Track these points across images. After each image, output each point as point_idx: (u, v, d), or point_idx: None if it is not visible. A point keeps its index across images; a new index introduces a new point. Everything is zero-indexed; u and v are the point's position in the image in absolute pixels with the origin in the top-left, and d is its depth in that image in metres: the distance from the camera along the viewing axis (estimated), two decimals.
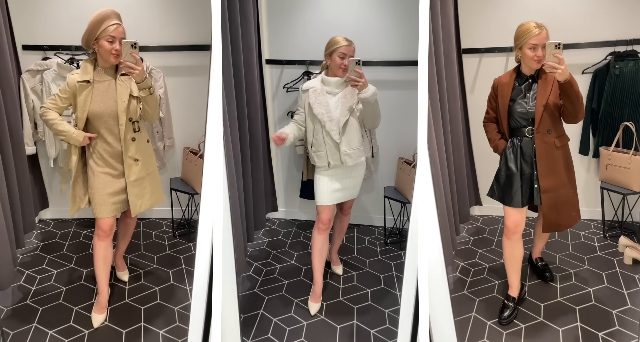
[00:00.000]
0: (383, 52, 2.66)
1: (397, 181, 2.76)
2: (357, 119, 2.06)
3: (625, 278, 2.25)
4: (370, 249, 2.66)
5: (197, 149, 2.73)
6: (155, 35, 2.67)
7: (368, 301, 2.17)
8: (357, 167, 2.13)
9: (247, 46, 2.20)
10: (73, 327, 1.95)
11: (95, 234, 1.96)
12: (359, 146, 2.08)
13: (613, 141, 2.60)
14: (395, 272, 2.42)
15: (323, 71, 2.12)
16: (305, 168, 2.36)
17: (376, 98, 1.99)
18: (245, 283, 2.32)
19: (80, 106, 1.84)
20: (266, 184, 2.64)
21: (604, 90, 2.65)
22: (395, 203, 2.74)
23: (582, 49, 2.65)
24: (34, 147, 2.66)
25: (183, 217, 2.83)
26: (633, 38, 2.58)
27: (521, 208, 1.95)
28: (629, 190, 2.52)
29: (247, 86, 2.23)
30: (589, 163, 2.86)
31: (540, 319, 1.98)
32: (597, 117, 2.71)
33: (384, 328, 1.98)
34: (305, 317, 2.07)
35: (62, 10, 2.63)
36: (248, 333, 1.95)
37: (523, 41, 1.83)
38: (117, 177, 1.93)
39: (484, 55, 2.82)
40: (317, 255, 2.13)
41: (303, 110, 2.10)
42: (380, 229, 2.87)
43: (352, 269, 2.45)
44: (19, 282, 2.25)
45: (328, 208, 2.11)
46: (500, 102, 1.96)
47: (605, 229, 2.72)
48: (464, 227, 2.85)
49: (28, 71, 2.58)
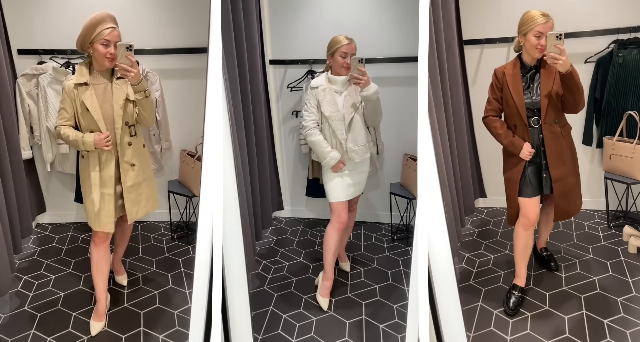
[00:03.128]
0: (386, 49, 2.66)
1: (403, 177, 2.77)
2: (361, 116, 2.07)
3: (630, 266, 2.26)
4: (378, 246, 2.68)
5: (194, 151, 2.72)
6: (151, 38, 2.66)
7: (376, 297, 2.20)
8: (364, 163, 2.15)
9: (251, 46, 2.21)
10: (72, 333, 1.92)
11: (92, 241, 1.92)
12: (365, 143, 2.10)
13: (617, 131, 2.59)
14: (402, 267, 2.44)
15: (328, 71, 2.12)
16: (311, 166, 2.37)
17: (378, 96, 2.00)
18: (254, 281, 2.36)
19: (89, 105, 1.79)
20: (272, 183, 2.65)
21: (607, 79, 2.63)
22: (401, 199, 2.75)
23: (584, 37, 2.64)
24: (30, 152, 2.64)
25: (181, 220, 2.83)
26: (636, 25, 2.56)
27: (537, 198, 1.96)
28: (633, 179, 2.53)
29: (252, 86, 2.24)
30: (593, 153, 2.86)
31: (546, 307, 2.01)
32: (600, 107, 2.71)
33: (392, 323, 2.01)
34: (314, 313, 2.10)
35: (57, 14, 2.62)
36: (259, 330, 1.98)
37: (529, 28, 1.82)
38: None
39: (485, 46, 2.81)
40: (333, 253, 2.11)
41: (316, 108, 2.06)
42: (387, 226, 2.88)
43: (360, 265, 2.48)
44: (16, 289, 2.21)
45: (344, 204, 2.10)
46: (514, 94, 1.91)
47: (610, 218, 2.73)
48: (468, 220, 2.87)
49: (24, 75, 2.56)
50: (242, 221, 1.82)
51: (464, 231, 2.69)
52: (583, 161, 2.84)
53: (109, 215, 1.87)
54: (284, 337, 1.94)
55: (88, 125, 1.83)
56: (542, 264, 2.32)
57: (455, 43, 2.26)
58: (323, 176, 2.15)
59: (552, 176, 1.92)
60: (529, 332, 1.87)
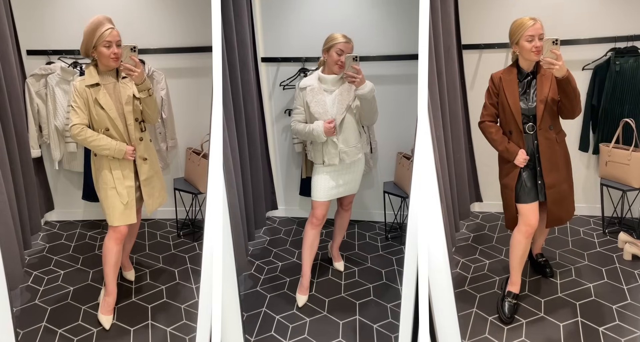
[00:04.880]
0: (379, 47, 2.65)
1: (397, 175, 2.76)
2: (353, 117, 2.05)
3: (625, 274, 2.26)
4: (371, 245, 2.67)
5: (199, 149, 2.74)
6: (156, 38, 2.68)
7: (370, 296, 2.18)
8: (356, 163, 2.14)
9: (242, 44, 2.18)
10: (82, 325, 1.98)
11: (110, 237, 1.95)
12: (356, 144, 2.08)
13: (613, 138, 2.60)
14: (396, 266, 2.44)
15: (320, 68, 2.11)
16: (304, 166, 2.36)
17: (374, 94, 1.98)
18: (247, 282, 2.33)
19: (104, 104, 1.84)
20: (265, 182, 2.64)
21: (604, 87, 2.65)
22: (395, 198, 2.74)
23: (582, 45, 2.65)
24: (39, 150, 2.69)
25: (187, 217, 2.84)
26: (633, 34, 2.58)
27: (536, 203, 1.96)
28: (629, 186, 2.53)
29: (243, 85, 2.22)
30: (589, 159, 2.87)
31: (541, 314, 2.00)
32: (597, 114, 2.72)
33: (386, 322, 2.00)
34: (308, 314, 2.08)
35: (65, 15, 2.65)
36: (251, 331, 1.96)
37: (519, 34, 1.83)
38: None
39: (484, 51, 2.81)
40: (307, 249, 2.15)
41: (303, 109, 2.09)
42: (381, 225, 2.88)
43: (354, 265, 2.46)
44: (27, 283, 2.28)
45: (323, 204, 2.12)
46: (510, 100, 1.91)
47: (605, 225, 2.73)
48: (464, 224, 2.86)
49: (32, 75, 2.61)
50: (234, 221, 1.80)
51: (458, 236, 2.68)
52: (579, 167, 2.84)
53: (132, 206, 1.94)
54: (276, 338, 1.92)
55: (102, 124, 1.89)
56: (537, 270, 2.31)
57: (454, 47, 2.26)
58: (312, 172, 2.15)
59: (546, 182, 1.91)
60: (524, 339, 1.85)
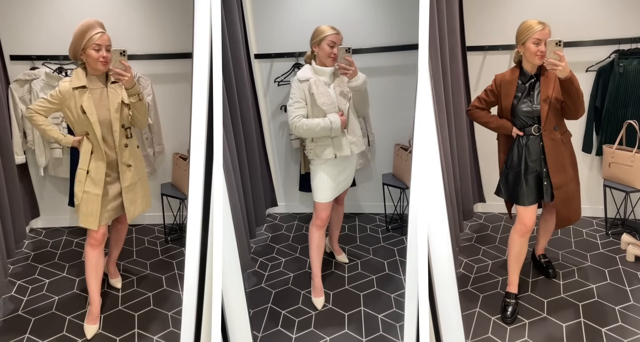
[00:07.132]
0: (372, 39, 2.64)
1: (395, 167, 2.77)
2: (352, 107, 2.03)
3: (628, 275, 2.27)
4: (373, 237, 2.69)
5: (186, 154, 2.71)
6: (142, 44, 2.66)
7: (374, 287, 2.20)
8: (353, 157, 2.11)
9: (234, 41, 2.14)
10: (66, 336, 1.92)
11: (88, 242, 1.92)
12: (361, 134, 2.06)
13: (616, 139, 2.61)
14: (398, 257, 2.45)
15: (311, 61, 2.02)
16: (303, 161, 2.35)
17: (366, 86, 1.97)
18: (251, 279, 2.34)
19: (87, 109, 1.82)
20: (264, 179, 2.63)
21: (608, 89, 2.65)
22: (394, 189, 2.75)
23: (586, 46, 2.66)
24: (23, 157, 2.65)
25: (174, 222, 2.84)
26: (637, 36, 2.59)
27: (534, 206, 1.98)
28: (632, 188, 2.54)
29: (237, 82, 2.19)
30: (592, 161, 2.87)
31: (544, 314, 2.00)
32: (600, 116, 2.72)
33: (391, 312, 2.02)
34: (313, 307, 2.10)
35: (49, 20, 2.62)
36: (258, 327, 1.97)
37: (527, 36, 1.84)
38: (110, 183, 1.93)
39: (488, 53, 2.82)
40: (315, 250, 2.13)
41: (305, 102, 1.96)
42: (381, 216, 2.88)
43: (356, 257, 2.48)
44: (10, 293, 2.21)
45: (328, 205, 2.08)
46: (503, 101, 1.96)
47: (608, 226, 2.74)
48: (467, 224, 2.87)
49: (16, 81, 2.56)
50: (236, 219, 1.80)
51: (462, 236, 2.69)
52: (582, 168, 2.85)
53: (94, 211, 1.89)
54: (283, 333, 1.94)
55: (83, 128, 1.86)
56: (540, 271, 2.32)
57: (459, 49, 2.27)
58: (311, 172, 2.08)
59: (553, 183, 1.92)
60: (527, 339, 1.86)
